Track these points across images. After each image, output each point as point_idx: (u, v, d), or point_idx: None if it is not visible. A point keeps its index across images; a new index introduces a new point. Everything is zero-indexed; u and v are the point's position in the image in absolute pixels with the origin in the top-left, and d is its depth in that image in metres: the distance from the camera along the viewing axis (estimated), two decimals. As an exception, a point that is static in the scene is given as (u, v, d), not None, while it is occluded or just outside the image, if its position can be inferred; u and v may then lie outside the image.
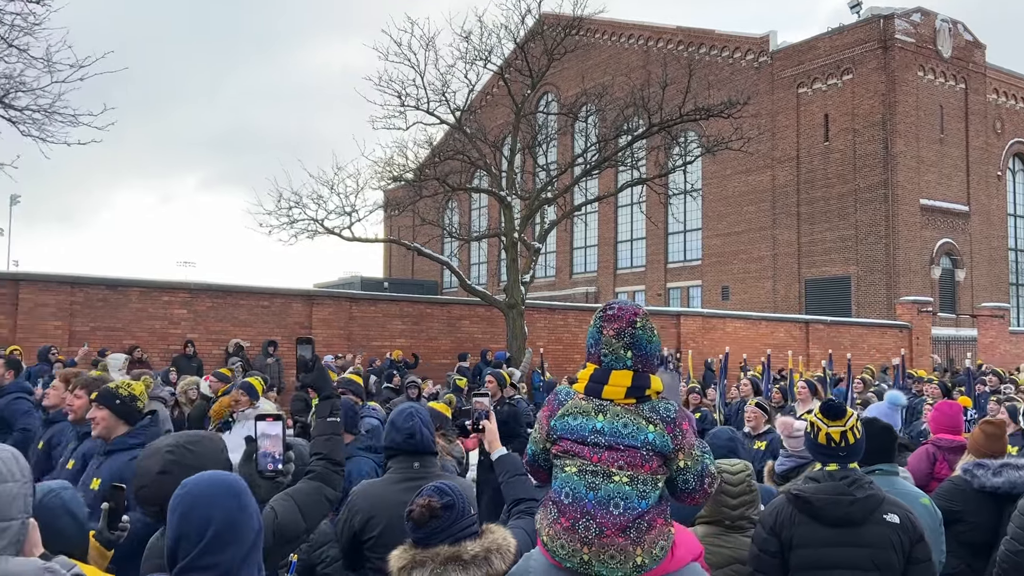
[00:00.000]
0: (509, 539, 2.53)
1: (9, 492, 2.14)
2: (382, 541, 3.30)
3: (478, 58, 18.01)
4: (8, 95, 12.66)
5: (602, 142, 19.40)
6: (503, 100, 23.78)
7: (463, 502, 2.55)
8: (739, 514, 3.64)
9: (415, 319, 19.58)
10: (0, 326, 14.76)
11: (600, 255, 39.61)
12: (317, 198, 17.48)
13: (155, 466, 2.62)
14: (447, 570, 2.42)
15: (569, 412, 2.50)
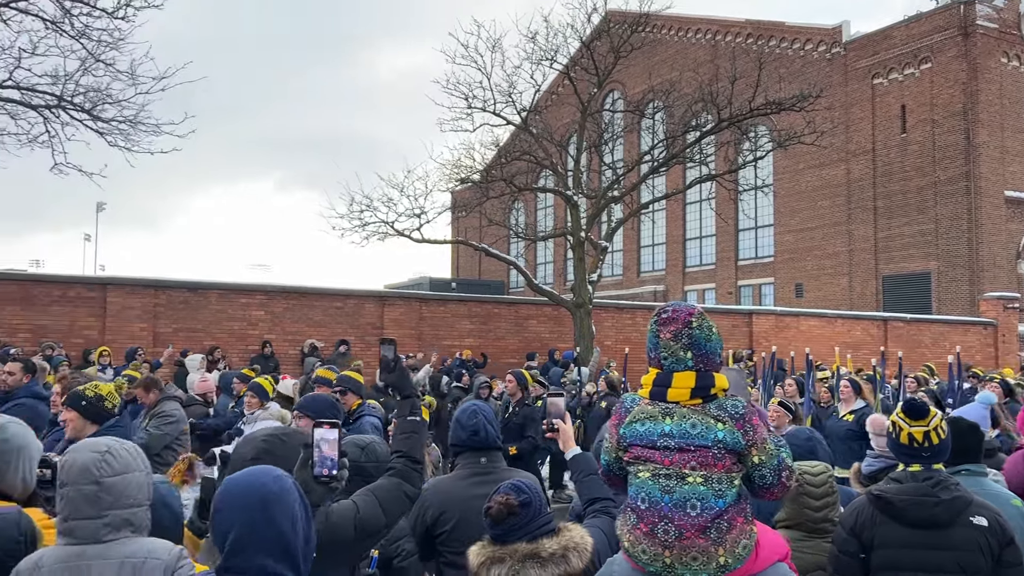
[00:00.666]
0: (586, 538, 2.56)
1: (137, 480, 2.38)
2: (454, 535, 3.40)
3: (544, 58, 18.06)
4: (96, 107, 13.26)
5: (670, 139, 19.19)
6: (569, 99, 23.75)
7: (539, 500, 2.59)
8: (822, 516, 3.58)
9: (483, 319, 19.72)
10: (90, 328, 15.46)
11: (668, 253, 39.16)
12: (387, 201, 17.81)
13: (248, 453, 2.76)
14: (525, 567, 2.46)
15: (636, 418, 2.52)
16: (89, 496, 2.30)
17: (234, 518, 1.98)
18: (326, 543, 2.69)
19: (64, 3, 12.41)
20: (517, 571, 2.45)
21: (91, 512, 2.30)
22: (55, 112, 13.24)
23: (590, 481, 3.15)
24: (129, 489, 2.36)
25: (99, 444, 2.41)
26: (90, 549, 2.29)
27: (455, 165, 19.31)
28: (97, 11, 12.55)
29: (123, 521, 2.34)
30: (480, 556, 2.55)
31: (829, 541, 3.54)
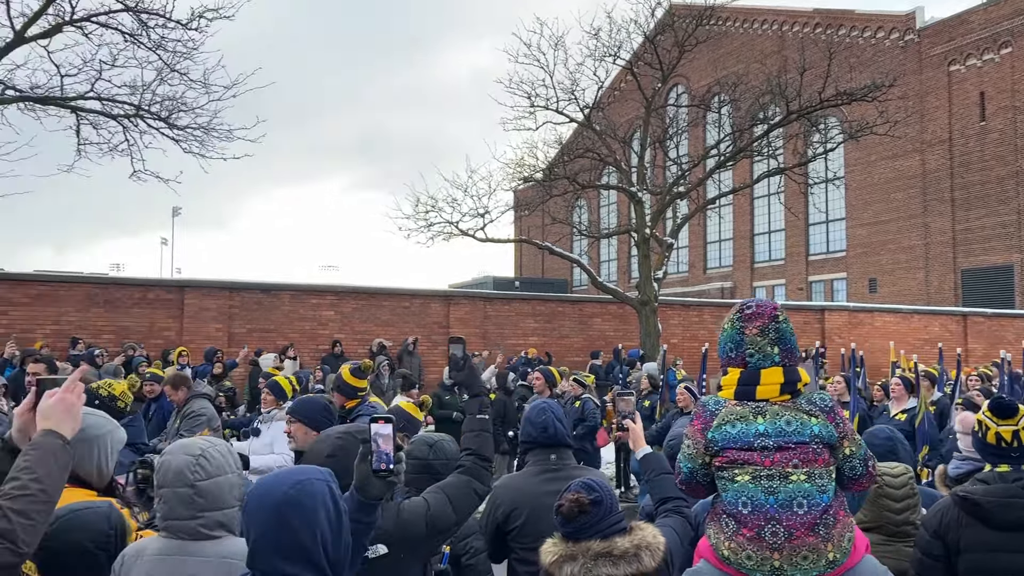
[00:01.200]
0: (659, 537, 2.54)
1: (230, 482, 2.46)
2: (525, 531, 3.42)
3: (607, 54, 17.94)
4: (172, 116, 13.71)
5: (737, 132, 18.85)
6: (632, 95, 23.56)
7: (611, 498, 2.58)
8: (903, 519, 3.48)
9: (547, 317, 19.74)
10: (168, 329, 16.03)
11: (736, 249, 38.49)
12: (452, 201, 17.95)
13: (325, 450, 2.85)
14: (597, 565, 2.45)
15: (726, 421, 2.45)
16: (184, 498, 2.38)
17: (252, 521, 1.98)
18: (398, 540, 2.73)
19: (141, 16, 12.88)
20: (589, 569, 2.45)
21: (186, 513, 2.39)
22: (133, 121, 13.74)
23: (662, 480, 3.12)
24: (222, 491, 2.44)
25: (194, 447, 2.49)
26: (189, 545, 2.39)
27: (518, 164, 19.35)
28: (172, 23, 12.98)
29: (216, 523, 2.42)
30: (552, 554, 2.56)
31: (910, 545, 3.43)
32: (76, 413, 2.30)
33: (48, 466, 2.11)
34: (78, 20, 12.65)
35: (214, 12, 13.05)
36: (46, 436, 2.18)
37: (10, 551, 1.94)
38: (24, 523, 1.98)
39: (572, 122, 19.12)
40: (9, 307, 15.12)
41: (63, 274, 17.65)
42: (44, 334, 14.95)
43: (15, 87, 12.96)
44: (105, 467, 2.92)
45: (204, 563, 2.35)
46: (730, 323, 2.56)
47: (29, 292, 15.35)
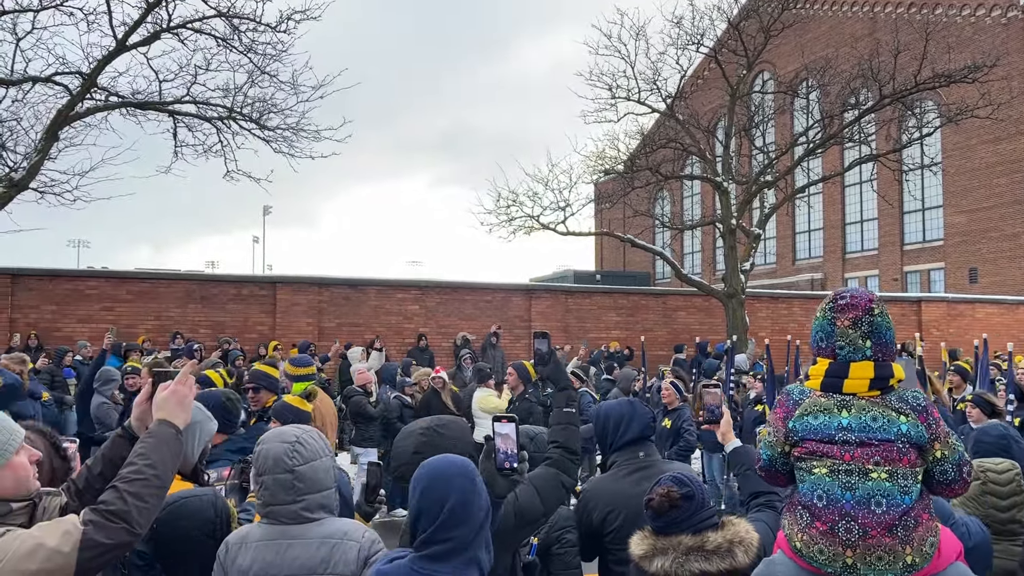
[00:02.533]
0: (752, 532, 2.50)
1: (325, 465, 2.59)
2: (623, 533, 3.34)
3: (690, 42, 17.64)
4: (263, 117, 14.15)
5: (826, 118, 18.26)
6: (716, 83, 23.08)
7: (702, 493, 2.55)
8: (1009, 516, 3.33)
9: (630, 311, 19.57)
10: (262, 324, 16.61)
11: (826, 239, 37.27)
12: (533, 195, 17.98)
13: (410, 447, 2.90)
14: (689, 559, 2.43)
15: (808, 411, 2.38)
16: (285, 484, 2.50)
17: (449, 493, 2.13)
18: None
19: (233, 21, 13.32)
20: (681, 564, 2.43)
21: (288, 498, 2.50)
22: (226, 123, 14.23)
23: (753, 475, 3.05)
24: (319, 475, 2.55)
25: (288, 434, 2.60)
26: (291, 529, 2.50)
27: (599, 156, 19.25)
28: (262, 26, 13.38)
29: (318, 505, 2.53)
30: (642, 547, 2.54)
31: (1019, 544, 3.28)
32: (188, 404, 2.44)
33: (162, 453, 2.25)
34: (174, 27, 13.18)
35: (301, 14, 13.41)
36: (160, 426, 2.32)
37: (126, 531, 2.07)
38: (139, 505, 2.11)
39: (654, 112, 18.89)
40: (114, 303, 15.94)
41: (163, 272, 18.48)
42: (146, 328, 15.70)
43: (118, 93, 13.61)
44: (191, 454, 3.13)
45: (306, 545, 2.46)
46: (822, 313, 2.48)
47: (132, 289, 16.14)
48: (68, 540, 1.99)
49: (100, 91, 13.42)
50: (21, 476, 2.15)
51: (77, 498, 2.31)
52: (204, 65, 13.63)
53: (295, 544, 2.47)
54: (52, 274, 16.04)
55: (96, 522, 2.04)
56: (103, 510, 2.07)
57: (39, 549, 1.96)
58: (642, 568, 2.52)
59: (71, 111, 12.96)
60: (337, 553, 2.44)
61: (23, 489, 2.16)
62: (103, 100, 13.57)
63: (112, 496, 2.10)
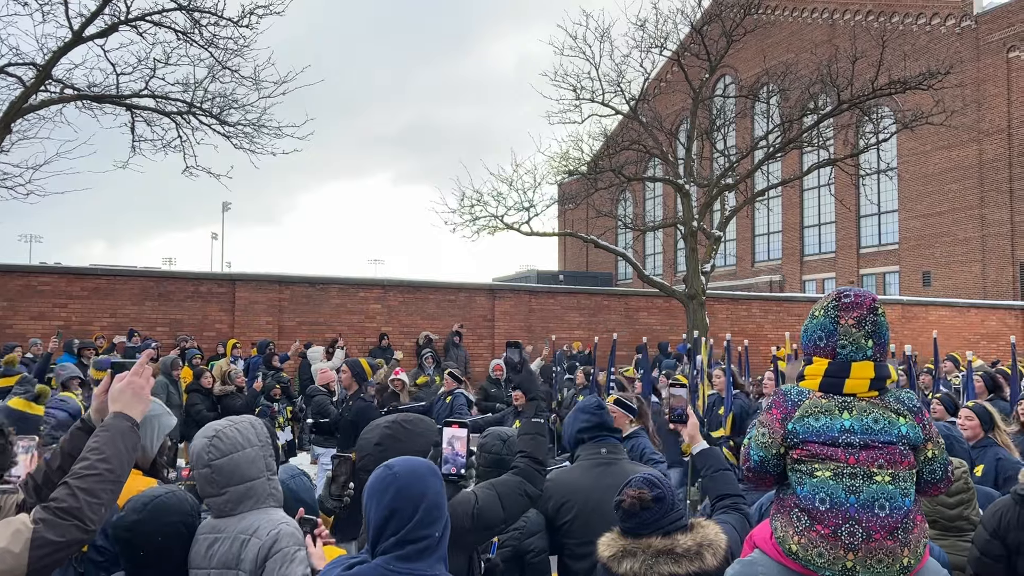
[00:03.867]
0: (721, 535, 2.51)
1: (248, 456, 2.61)
2: (575, 526, 3.39)
3: (653, 45, 17.76)
4: (223, 112, 13.94)
5: (786, 123, 18.52)
6: (679, 86, 23.31)
7: (672, 495, 2.56)
8: (957, 514, 3.41)
9: (592, 311, 19.67)
10: (220, 322, 16.34)
11: (785, 241, 37.86)
12: (497, 195, 17.96)
13: (373, 439, 2.91)
14: (658, 562, 2.44)
15: (809, 412, 2.34)
16: (206, 477, 2.58)
17: (424, 492, 2.13)
18: None
19: (194, 14, 13.10)
20: (651, 566, 2.43)
21: (212, 491, 2.58)
22: (186, 118, 14.00)
23: (720, 477, 3.08)
24: (240, 467, 2.59)
25: (209, 428, 2.67)
26: (219, 523, 2.59)
27: (563, 157, 19.29)
28: (223, 20, 13.19)
29: (242, 495, 2.58)
30: (611, 548, 2.55)
31: (965, 540, 3.37)
32: (144, 395, 2.39)
33: (116, 447, 2.20)
34: (133, 19, 12.93)
35: (264, 8, 13.24)
36: (115, 418, 2.28)
37: (78, 528, 2.03)
38: (91, 501, 2.06)
39: (618, 114, 18.99)
40: (68, 300, 15.56)
41: (119, 268, 18.10)
42: (101, 326, 15.35)
43: (73, 86, 13.31)
44: (151, 448, 3.15)
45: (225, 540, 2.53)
46: (823, 311, 2.44)
47: (87, 286, 15.77)
48: (18, 539, 1.95)
49: (55, 83, 13.12)
50: None
51: (35, 494, 2.27)
52: (163, 59, 13.41)
53: (219, 539, 2.55)
54: (3, 270, 15.61)
55: (47, 520, 2.00)
56: (54, 507, 2.03)
57: None
58: (610, 569, 2.53)
59: (24, 103, 12.63)
60: (244, 550, 2.49)
61: None
62: (58, 92, 13.26)
63: (63, 493, 2.06)
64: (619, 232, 35.19)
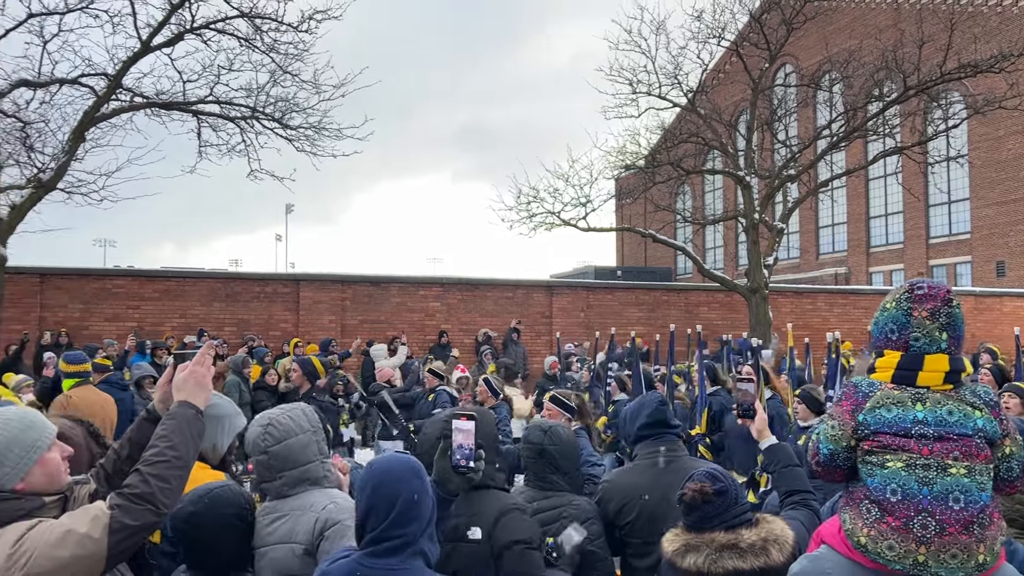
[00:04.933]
0: (787, 530, 2.48)
1: (301, 442, 2.75)
2: (637, 526, 3.37)
3: (711, 36, 17.54)
4: (285, 116, 14.24)
5: (850, 111, 18.07)
6: (737, 76, 22.91)
7: (735, 488, 2.53)
8: None
9: (651, 306, 19.50)
10: (285, 322, 16.72)
11: (850, 233, 36.90)
12: (553, 191, 17.95)
13: (435, 433, 2.97)
14: (723, 556, 2.42)
15: (881, 404, 2.30)
16: (264, 464, 2.74)
17: (399, 491, 2.16)
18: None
19: (255, 21, 13.40)
20: (715, 560, 2.42)
21: (269, 476, 2.74)
22: (249, 123, 14.33)
23: (789, 472, 3.03)
24: (294, 452, 2.73)
25: (263, 417, 2.82)
26: (276, 504, 2.74)
27: (620, 152, 19.17)
28: (284, 26, 13.47)
29: (297, 479, 2.73)
30: (674, 544, 2.54)
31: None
32: (206, 384, 2.48)
33: (183, 434, 2.30)
34: (198, 28, 13.29)
35: (323, 13, 13.47)
36: (180, 407, 2.37)
37: (151, 512, 2.13)
38: (163, 487, 2.16)
39: (675, 107, 18.80)
40: (140, 301, 16.11)
41: (188, 270, 18.64)
42: (172, 327, 15.85)
43: (142, 94, 13.75)
44: (221, 445, 3.24)
45: (281, 517, 2.68)
46: (895, 303, 2.39)
47: (158, 288, 16.31)
48: (97, 525, 2.05)
49: (125, 92, 13.56)
50: (52, 471, 2.20)
51: (107, 483, 2.37)
52: (227, 65, 13.74)
53: (276, 518, 2.69)
54: (80, 273, 16.24)
55: (122, 505, 2.10)
56: (128, 493, 2.13)
57: (69, 536, 2.02)
58: (674, 564, 2.52)
59: (97, 112, 13.10)
60: (299, 524, 2.62)
61: (55, 484, 2.21)
62: (128, 101, 13.71)
63: (136, 479, 2.16)
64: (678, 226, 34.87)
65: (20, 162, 13.69)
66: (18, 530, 2.02)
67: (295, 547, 2.60)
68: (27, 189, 13.10)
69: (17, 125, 13.58)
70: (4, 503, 2.09)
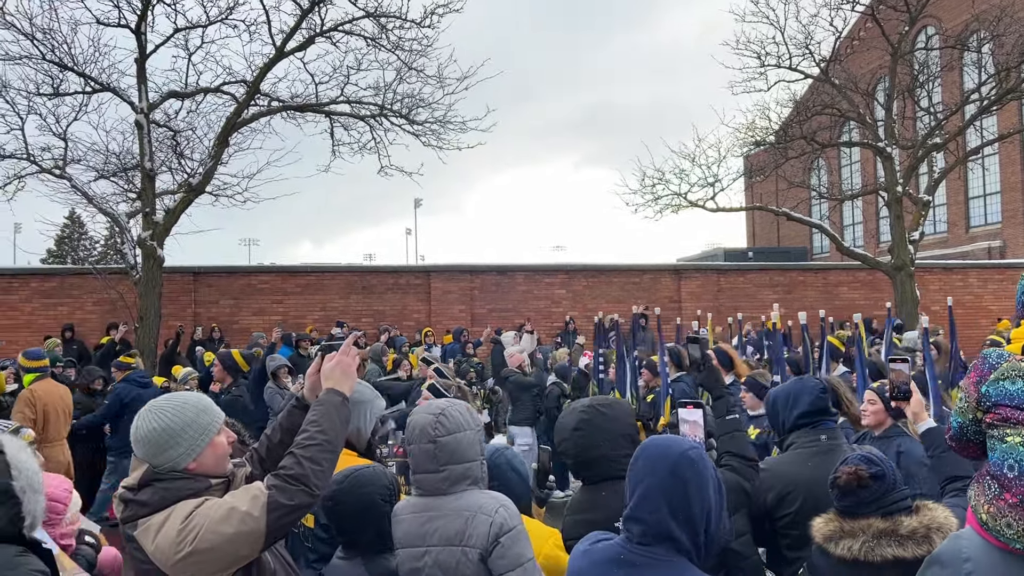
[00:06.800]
0: (951, 518, 2.33)
1: (469, 438, 2.68)
2: (799, 518, 3.20)
3: (845, 1, 16.62)
4: (411, 112, 14.60)
5: (1002, 72, 16.71)
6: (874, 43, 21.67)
7: (894, 473, 2.40)
8: None
9: (787, 288, 18.81)
10: (418, 312, 17.22)
11: (1004, 203, 34.20)
12: (679, 172, 17.56)
13: (571, 423, 2.95)
14: (881, 544, 2.30)
15: (1006, 376, 2.16)
16: (429, 452, 2.62)
17: (643, 478, 2.06)
18: None
19: (381, 20, 13.80)
20: (872, 548, 2.30)
21: (431, 467, 2.62)
22: (378, 120, 14.79)
23: (949, 457, 2.84)
24: (462, 446, 2.64)
25: (435, 407, 2.73)
26: (433, 501, 2.62)
27: (749, 128, 18.52)
28: (408, 23, 13.80)
29: (459, 476, 2.62)
30: (827, 529, 2.44)
31: None
32: (352, 372, 2.60)
33: (332, 419, 2.41)
34: (327, 31, 13.82)
35: (444, 7, 13.71)
36: (328, 394, 2.49)
37: (305, 492, 2.24)
38: (315, 468, 2.28)
39: (807, 78, 17.97)
40: (284, 296, 16.99)
41: (326, 265, 19.51)
42: (313, 319, 16.64)
43: (279, 98, 14.45)
44: (365, 430, 3.34)
45: (445, 517, 2.56)
46: None
47: (299, 282, 17.15)
48: (257, 504, 2.18)
49: (263, 97, 14.30)
50: (220, 455, 2.35)
51: (260, 466, 2.52)
52: (355, 66, 14.22)
53: (436, 517, 2.57)
54: (229, 271, 17.31)
55: (279, 486, 2.22)
56: (283, 475, 2.25)
57: (233, 513, 2.16)
58: (825, 550, 2.42)
59: (238, 118, 13.88)
60: (471, 527, 2.50)
61: (221, 467, 2.36)
62: (266, 105, 14.45)
63: (290, 462, 2.27)
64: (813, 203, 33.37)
65: (172, 168, 14.73)
66: (188, 507, 2.18)
67: (469, 551, 2.49)
68: (179, 194, 14.06)
69: (168, 134, 14.60)
70: (178, 481, 2.25)
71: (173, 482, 2.24)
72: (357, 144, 15.01)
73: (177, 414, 2.29)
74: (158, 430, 2.25)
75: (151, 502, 2.20)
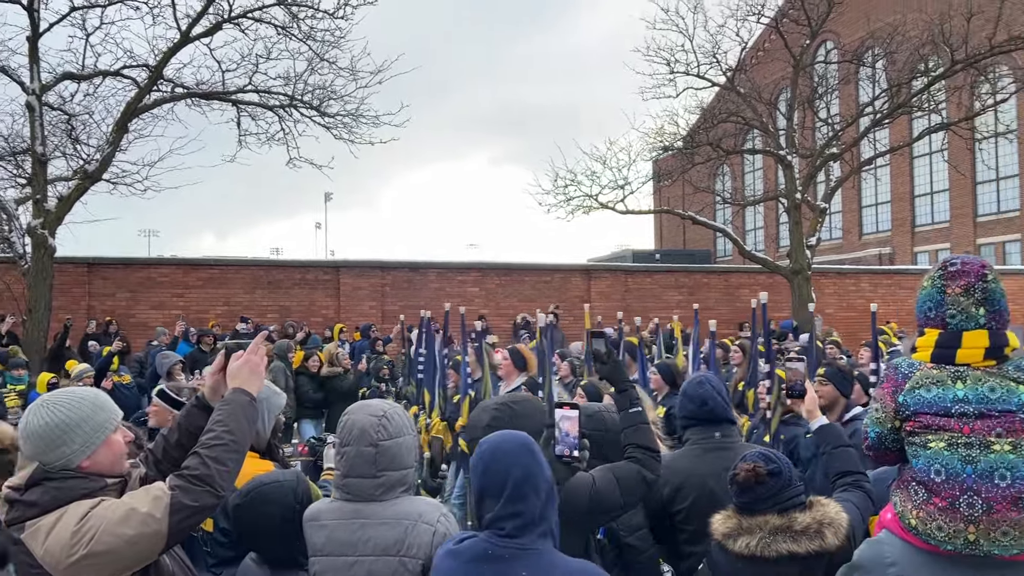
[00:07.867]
0: (841, 513, 2.43)
1: (408, 444, 2.57)
2: (693, 512, 3.28)
3: (750, 13, 17.25)
4: (323, 104, 14.32)
5: (894, 87, 17.64)
6: (777, 54, 22.51)
7: (789, 470, 2.49)
8: None
9: (691, 289, 19.33)
10: (326, 308, 16.90)
11: (894, 212, 36.13)
12: (591, 174, 17.84)
13: (484, 420, 2.93)
14: (776, 540, 2.38)
15: (920, 384, 2.27)
16: (368, 457, 2.47)
17: (510, 469, 2.10)
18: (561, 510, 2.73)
19: (292, 8, 13.48)
20: (768, 544, 2.38)
21: (367, 471, 2.48)
22: (288, 111, 14.45)
23: (840, 453, 2.97)
24: (402, 452, 2.52)
25: (375, 408, 2.58)
26: (365, 508, 2.47)
27: (658, 133, 18.97)
28: (320, 13, 13.53)
29: (396, 482, 2.50)
30: (725, 526, 2.50)
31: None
32: (260, 372, 2.51)
33: (239, 419, 2.33)
34: (235, 17, 13.40)
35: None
36: (235, 393, 2.40)
37: (210, 494, 2.17)
38: (220, 469, 2.21)
39: (714, 86, 18.53)
40: (185, 289, 16.39)
41: (231, 258, 18.92)
42: (216, 314, 16.11)
43: (183, 84, 13.93)
44: (264, 429, 3.23)
45: (381, 525, 2.43)
46: (930, 281, 2.37)
47: (201, 276, 16.58)
48: (159, 505, 2.09)
49: (166, 83, 13.76)
50: (116, 453, 2.25)
51: (155, 467, 2.41)
52: (265, 54, 13.86)
53: (369, 524, 2.45)
54: (126, 262, 16.57)
55: (182, 487, 2.14)
56: (187, 475, 2.17)
57: (133, 514, 2.07)
58: (725, 547, 2.48)
59: (139, 103, 13.31)
60: (411, 535, 2.40)
61: (117, 466, 2.26)
62: (169, 92, 13.91)
63: (195, 462, 2.20)
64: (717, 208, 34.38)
65: (66, 154, 14.01)
66: (83, 507, 2.08)
67: (408, 561, 2.39)
68: (73, 180, 13.38)
69: (62, 118, 13.88)
70: (71, 480, 2.13)
71: (65, 481, 2.12)
72: (265, 135, 14.64)
73: (72, 409, 2.17)
74: (50, 425, 2.13)
75: (41, 502, 2.08)
